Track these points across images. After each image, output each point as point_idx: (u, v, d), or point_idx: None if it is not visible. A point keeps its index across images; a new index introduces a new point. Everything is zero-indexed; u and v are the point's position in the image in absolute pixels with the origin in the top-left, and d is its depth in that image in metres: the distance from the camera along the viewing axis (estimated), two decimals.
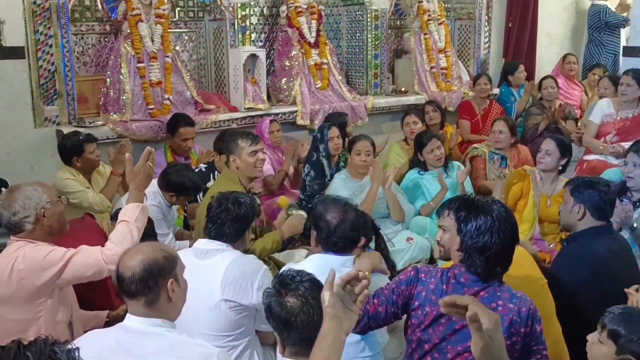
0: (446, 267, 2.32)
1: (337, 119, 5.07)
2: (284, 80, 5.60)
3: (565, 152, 3.98)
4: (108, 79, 4.78)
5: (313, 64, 5.68)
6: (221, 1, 5.19)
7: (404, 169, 4.82)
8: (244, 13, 5.25)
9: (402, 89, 6.37)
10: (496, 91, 6.65)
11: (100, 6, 4.92)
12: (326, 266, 2.03)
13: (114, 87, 4.77)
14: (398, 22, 6.81)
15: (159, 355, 1.94)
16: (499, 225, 2.13)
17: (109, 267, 2.46)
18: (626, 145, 4.52)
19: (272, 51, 5.84)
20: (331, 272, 1.66)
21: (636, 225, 3.30)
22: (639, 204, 3.55)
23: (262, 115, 5.23)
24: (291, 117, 5.47)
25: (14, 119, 4.37)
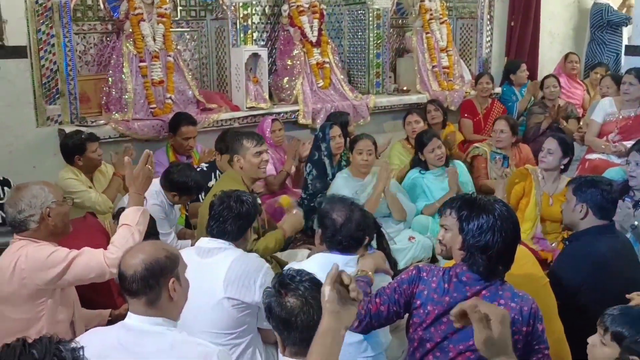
0: (448, 266, 2.32)
1: (339, 118, 5.06)
2: (285, 80, 5.60)
3: (568, 151, 3.98)
4: (110, 78, 4.79)
5: (315, 63, 5.68)
6: (223, 0, 5.19)
7: (405, 168, 4.82)
8: (245, 12, 5.25)
9: (404, 88, 6.36)
10: (498, 90, 6.64)
11: (102, 5, 4.92)
12: (330, 265, 2.02)
13: (116, 86, 4.77)
14: (400, 21, 6.81)
15: (159, 354, 1.94)
16: (501, 224, 2.13)
17: (110, 270, 2.46)
18: (628, 144, 4.51)
19: (274, 50, 5.83)
20: (334, 267, 1.63)
21: (637, 224, 3.29)
22: None
23: (263, 114, 5.23)
24: (293, 116, 5.47)
25: (16, 118, 4.37)
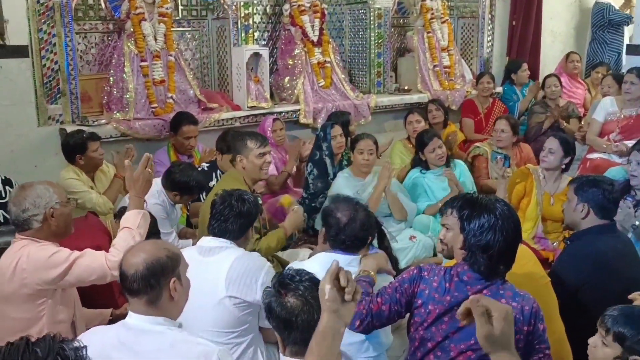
0: (449, 265, 2.32)
1: (340, 117, 5.06)
2: (287, 79, 5.60)
3: (569, 150, 3.97)
4: (111, 78, 4.78)
5: (316, 62, 5.68)
6: (224, 0, 5.19)
7: (406, 168, 4.81)
8: (247, 12, 5.25)
9: (405, 88, 6.36)
10: (499, 90, 6.64)
11: (103, 5, 4.91)
12: None
13: (117, 85, 4.77)
14: (401, 21, 6.80)
15: (159, 353, 1.94)
16: (502, 224, 2.13)
17: (112, 273, 2.47)
18: (630, 143, 4.51)
19: (275, 50, 5.83)
20: (333, 264, 1.61)
21: (638, 224, 3.29)
22: None
23: (265, 113, 5.23)
24: (294, 116, 5.47)
25: (17, 117, 4.37)
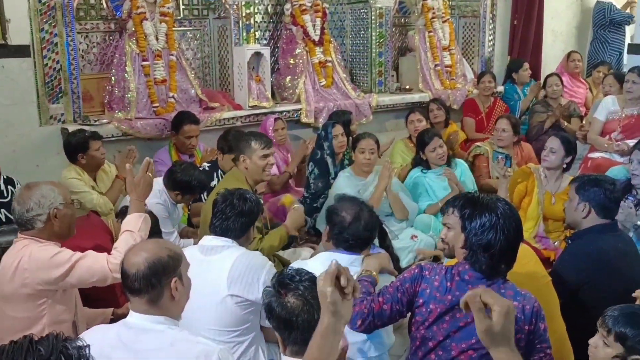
0: (450, 264, 2.32)
1: (341, 116, 5.06)
2: (288, 78, 5.60)
3: (570, 150, 3.98)
4: (113, 77, 4.79)
5: (317, 61, 5.68)
6: None
7: (407, 167, 4.81)
8: (248, 11, 5.25)
9: (407, 87, 6.36)
10: (500, 89, 6.64)
11: (105, 4, 4.92)
12: None
13: (118, 85, 4.77)
14: (402, 20, 6.80)
15: (159, 352, 1.94)
16: (504, 223, 2.13)
17: (113, 275, 2.48)
18: (631, 142, 4.51)
19: (277, 49, 5.83)
20: (333, 263, 1.56)
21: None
22: None
23: (266, 113, 5.23)
24: (295, 115, 5.47)
25: (19, 117, 4.38)
